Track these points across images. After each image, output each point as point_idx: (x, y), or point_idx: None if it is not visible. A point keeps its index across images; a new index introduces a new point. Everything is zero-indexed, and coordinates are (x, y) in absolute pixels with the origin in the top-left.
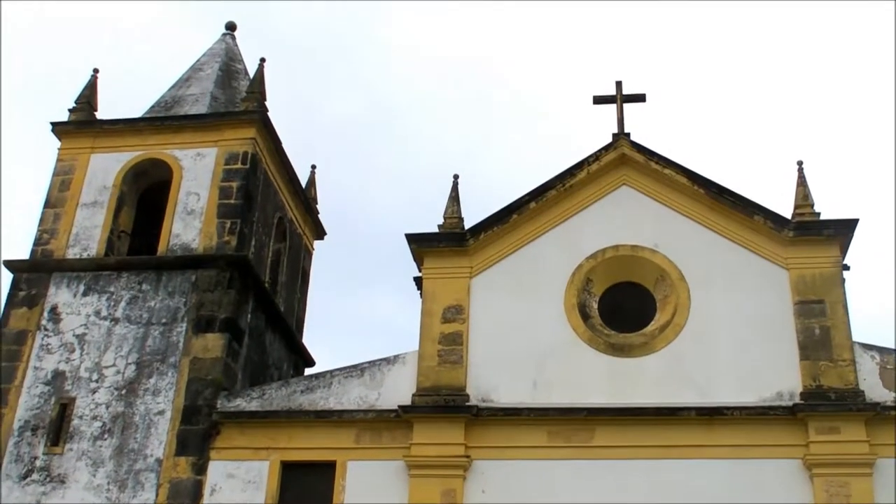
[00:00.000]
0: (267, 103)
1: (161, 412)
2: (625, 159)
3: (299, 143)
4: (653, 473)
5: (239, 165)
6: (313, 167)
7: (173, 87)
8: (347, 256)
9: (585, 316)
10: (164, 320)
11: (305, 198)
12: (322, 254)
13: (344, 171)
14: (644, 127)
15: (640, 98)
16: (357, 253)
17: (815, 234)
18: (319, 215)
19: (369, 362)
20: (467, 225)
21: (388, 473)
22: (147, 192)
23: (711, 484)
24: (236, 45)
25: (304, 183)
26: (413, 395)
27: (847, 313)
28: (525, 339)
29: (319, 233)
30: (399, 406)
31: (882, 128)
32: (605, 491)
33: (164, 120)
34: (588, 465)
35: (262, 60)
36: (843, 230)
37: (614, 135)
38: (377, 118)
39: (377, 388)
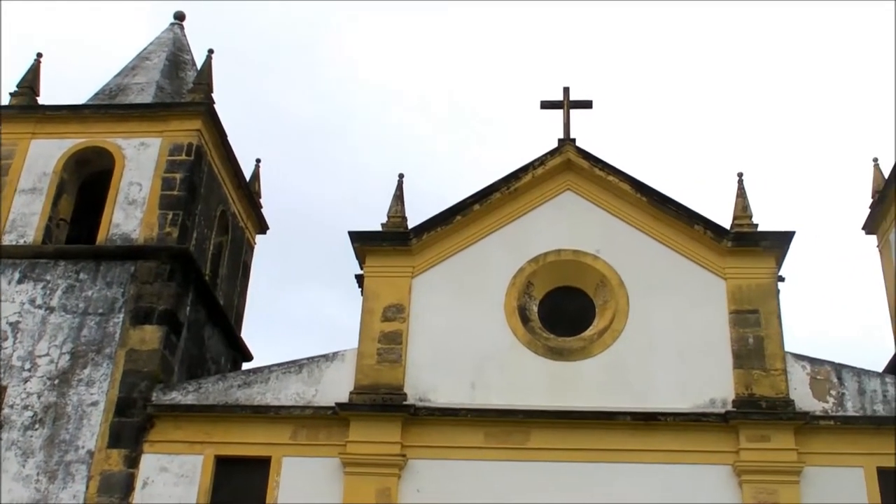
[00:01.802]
0: (214, 95)
1: (94, 403)
2: (570, 165)
3: (245, 136)
4: (588, 476)
5: (183, 157)
6: (258, 161)
7: (119, 75)
8: (290, 252)
9: (525, 319)
10: (100, 310)
11: (249, 191)
12: (264, 248)
13: (289, 166)
14: (590, 134)
15: (586, 104)
16: (300, 249)
17: (753, 246)
18: (263, 210)
19: (308, 359)
20: (411, 225)
21: (323, 471)
22: (88, 181)
23: (645, 488)
24: (185, 36)
25: (248, 177)
26: (351, 393)
27: (780, 324)
28: (465, 340)
29: (262, 227)
30: (336, 403)
31: (822, 143)
32: (540, 492)
33: (108, 108)
34: (524, 467)
35: (211, 52)
36: (779, 242)
37: (560, 140)
38: (324, 115)
39: (315, 385)
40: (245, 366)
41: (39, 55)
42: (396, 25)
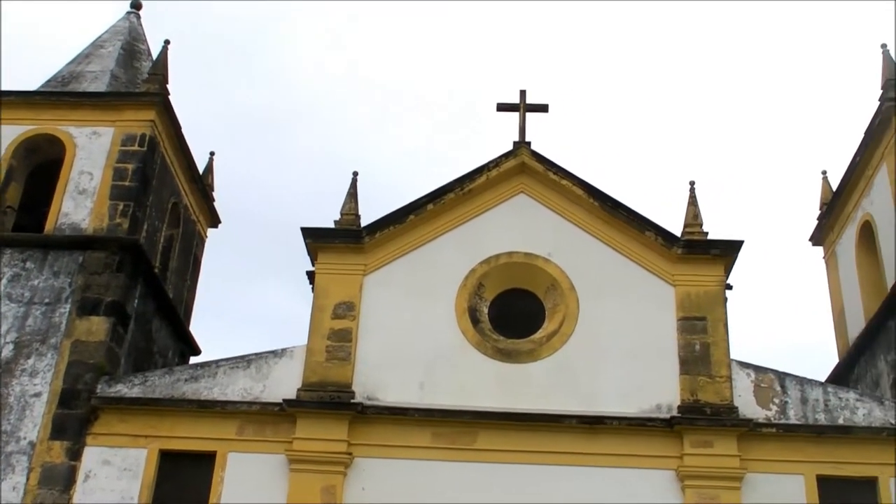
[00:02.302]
0: (169, 86)
1: (37, 394)
2: (524, 168)
3: (199, 128)
4: (534, 478)
5: (136, 147)
6: (212, 154)
7: (72, 62)
8: (242, 247)
9: (475, 320)
10: (47, 300)
11: (202, 184)
12: (216, 242)
13: (244, 160)
14: (546, 138)
15: (542, 108)
16: (252, 244)
17: (702, 253)
18: (215, 203)
19: (256, 354)
20: (364, 222)
21: (268, 467)
22: (38, 169)
23: (590, 491)
24: (140, 25)
25: (201, 169)
26: (299, 390)
27: (727, 331)
28: (415, 339)
29: (214, 220)
30: (284, 400)
31: (773, 155)
32: (486, 494)
33: (60, 95)
34: (470, 468)
35: (167, 42)
36: (728, 251)
37: (515, 143)
38: (281, 109)
39: (263, 381)
40: (193, 360)
41: None
42: (356, 22)
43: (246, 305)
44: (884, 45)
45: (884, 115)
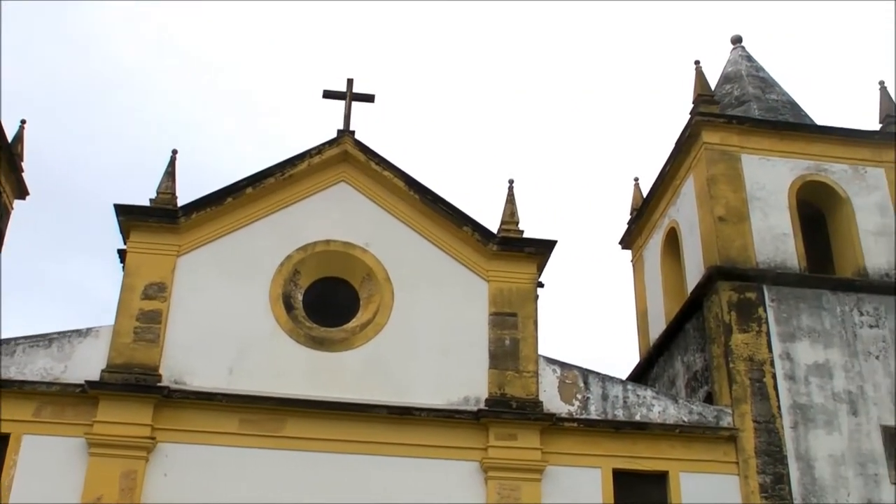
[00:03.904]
0: None
1: None
2: (347, 156)
3: (10, 96)
4: (342, 467)
5: None
6: (23, 122)
7: None
8: (52, 221)
9: (289, 307)
10: None
11: (10, 153)
12: (23, 215)
13: (61, 133)
14: (371, 129)
15: (369, 98)
16: (63, 218)
17: (517, 251)
18: (24, 174)
19: (59, 333)
20: (181, 203)
21: (66, 450)
22: None
23: (396, 481)
24: None
25: (10, 138)
26: (102, 371)
27: (536, 328)
28: (227, 324)
29: (22, 192)
30: (86, 381)
31: (589, 160)
32: (293, 481)
33: None
34: (278, 455)
35: None
36: (542, 249)
37: (339, 131)
38: (100, 84)
39: (65, 361)
40: None
41: None
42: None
43: (54, 282)
44: (697, 62)
45: (693, 129)
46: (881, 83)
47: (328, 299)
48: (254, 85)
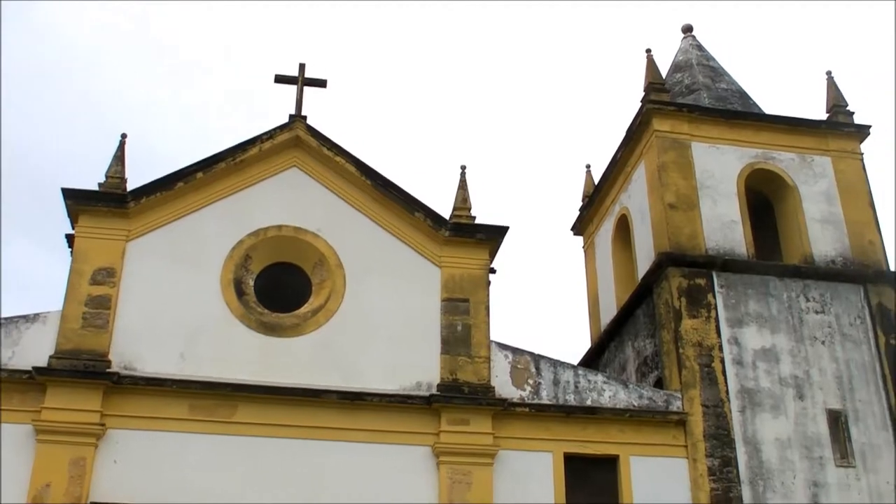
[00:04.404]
0: None
1: None
2: (298, 142)
3: None
4: (293, 453)
5: None
6: None
7: None
8: None
9: (241, 293)
10: None
11: None
12: None
13: (7, 116)
14: (324, 115)
15: (321, 83)
16: (9, 202)
17: (469, 237)
18: None
19: (6, 319)
20: (130, 187)
21: (13, 439)
22: None
23: (348, 466)
24: None
25: None
26: (50, 357)
27: (488, 314)
28: (177, 309)
29: None
30: (33, 367)
31: (541, 146)
32: (244, 467)
33: None
34: (228, 441)
35: None
36: (494, 235)
37: (291, 116)
38: (51, 62)
39: (12, 347)
40: None
41: None
42: None
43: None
44: (648, 50)
45: (644, 117)
46: (828, 73)
47: (280, 285)
48: (205, 70)
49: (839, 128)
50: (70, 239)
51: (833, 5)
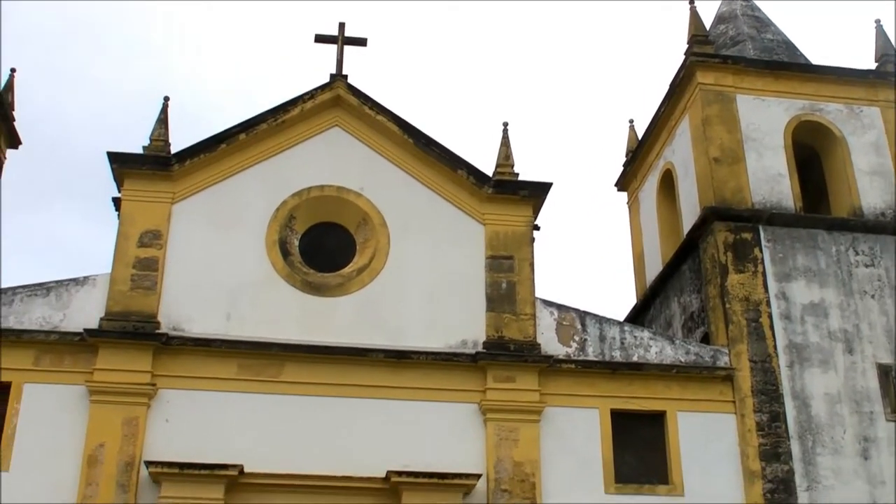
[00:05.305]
0: None
1: None
2: (339, 101)
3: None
4: (339, 411)
5: None
6: (13, 70)
7: None
8: (44, 170)
9: (286, 253)
10: None
11: (1, 102)
12: (16, 164)
13: (49, 80)
14: (364, 74)
15: (361, 42)
16: (55, 167)
17: (512, 194)
18: (15, 123)
19: (56, 282)
20: (174, 150)
21: (67, 398)
22: None
23: (395, 424)
24: None
25: (0, 86)
26: (101, 319)
27: (533, 271)
28: (223, 270)
29: (14, 141)
30: (85, 329)
31: (584, 102)
32: (291, 425)
33: None
34: (276, 400)
35: None
36: (537, 192)
37: (332, 75)
38: (94, 32)
39: (63, 310)
40: None
41: None
42: None
43: (46, 231)
44: (692, 1)
45: (687, 70)
46: (877, 21)
47: (324, 245)
48: (246, 31)
49: (888, 77)
50: (117, 202)
51: None
